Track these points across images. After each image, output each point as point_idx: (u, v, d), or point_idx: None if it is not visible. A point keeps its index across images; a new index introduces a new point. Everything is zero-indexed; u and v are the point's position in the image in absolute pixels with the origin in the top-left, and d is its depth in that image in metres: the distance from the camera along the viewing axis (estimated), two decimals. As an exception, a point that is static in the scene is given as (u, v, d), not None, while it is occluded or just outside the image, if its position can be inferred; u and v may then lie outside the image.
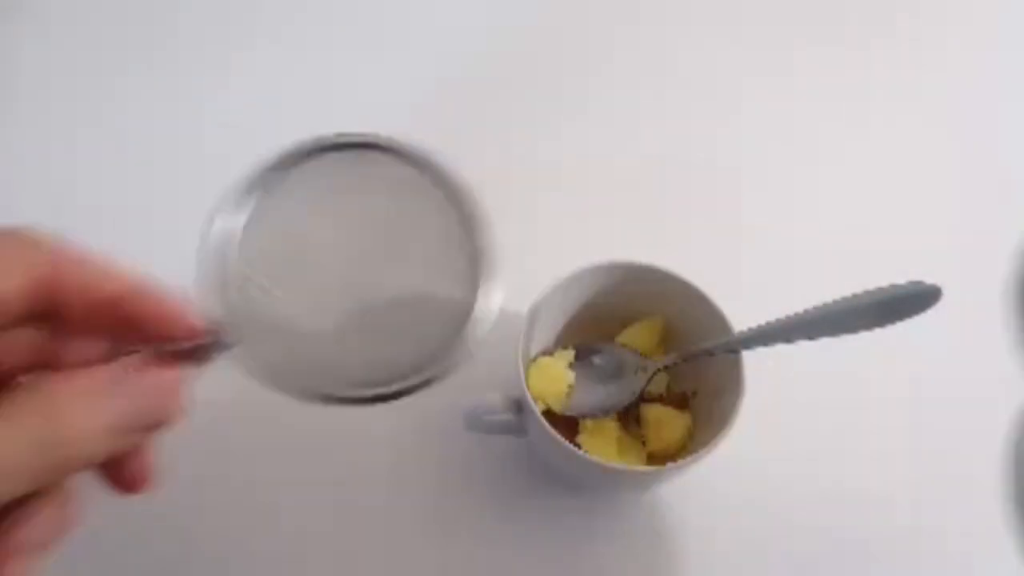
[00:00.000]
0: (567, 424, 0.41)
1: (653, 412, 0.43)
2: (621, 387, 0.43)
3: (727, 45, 0.61)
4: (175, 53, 0.55)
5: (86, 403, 0.24)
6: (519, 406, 0.41)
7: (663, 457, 0.42)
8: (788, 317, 0.38)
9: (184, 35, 0.56)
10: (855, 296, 0.37)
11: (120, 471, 0.26)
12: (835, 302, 0.37)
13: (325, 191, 0.32)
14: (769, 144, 0.58)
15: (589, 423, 0.42)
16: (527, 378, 0.40)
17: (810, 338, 0.37)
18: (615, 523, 0.45)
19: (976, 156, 0.58)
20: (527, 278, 0.42)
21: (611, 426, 0.42)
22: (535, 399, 0.40)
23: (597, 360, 0.43)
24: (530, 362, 0.42)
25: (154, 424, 0.25)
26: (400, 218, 0.33)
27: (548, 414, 0.40)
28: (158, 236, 0.50)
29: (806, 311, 0.37)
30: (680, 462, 0.38)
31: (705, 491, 0.44)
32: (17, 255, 0.25)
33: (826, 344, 0.37)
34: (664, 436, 0.42)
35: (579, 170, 0.55)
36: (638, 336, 0.44)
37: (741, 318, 0.40)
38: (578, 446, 0.40)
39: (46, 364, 0.27)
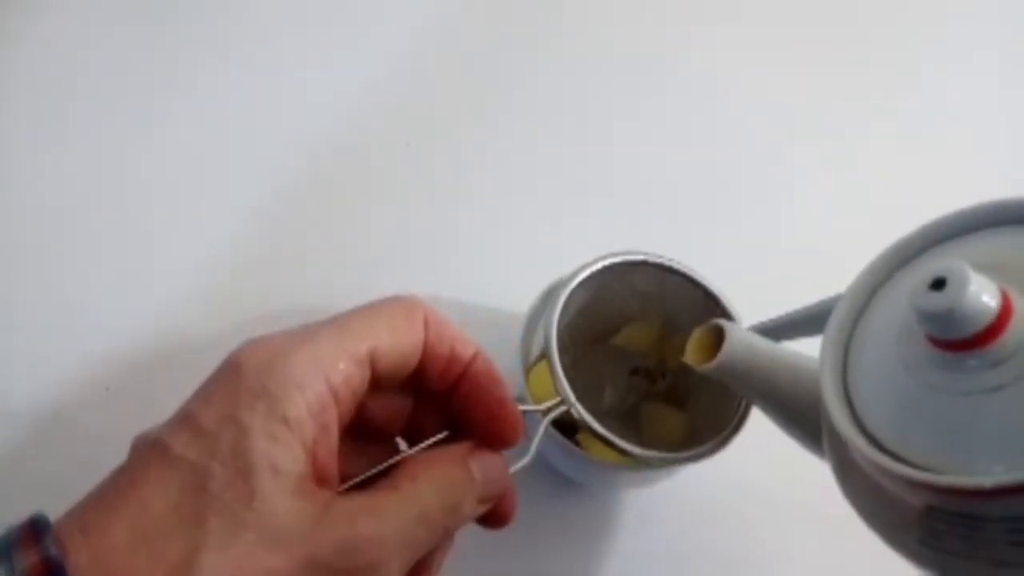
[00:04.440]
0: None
1: (652, 410, 0.43)
2: (622, 388, 0.43)
3: (729, 44, 0.61)
4: (175, 51, 0.55)
5: (468, 481, 0.28)
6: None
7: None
8: (788, 314, 0.38)
9: (184, 32, 0.56)
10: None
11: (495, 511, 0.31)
12: (835, 297, 0.37)
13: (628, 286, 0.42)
14: (769, 142, 0.58)
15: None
16: (528, 381, 0.40)
17: (811, 335, 0.37)
18: (615, 521, 0.45)
19: (981, 155, 0.58)
20: (527, 278, 0.43)
21: (609, 423, 0.42)
22: (535, 402, 0.40)
23: (598, 362, 0.43)
24: (531, 365, 0.42)
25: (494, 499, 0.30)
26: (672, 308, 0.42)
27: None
28: (156, 234, 0.50)
29: (806, 307, 0.37)
30: (680, 455, 0.38)
31: (705, 489, 0.44)
32: (415, 313, 0.29)
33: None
34: (663, 434, 0.42)
35: (579, 170, 0.56)
36: (637, 335, 0.44)
37: (741, 316, 0.40)
38: (578, 444, 0.40)
39: (411, 427, 0.32)
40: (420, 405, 0.32)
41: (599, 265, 0.40)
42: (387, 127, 0.55)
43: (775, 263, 0.52)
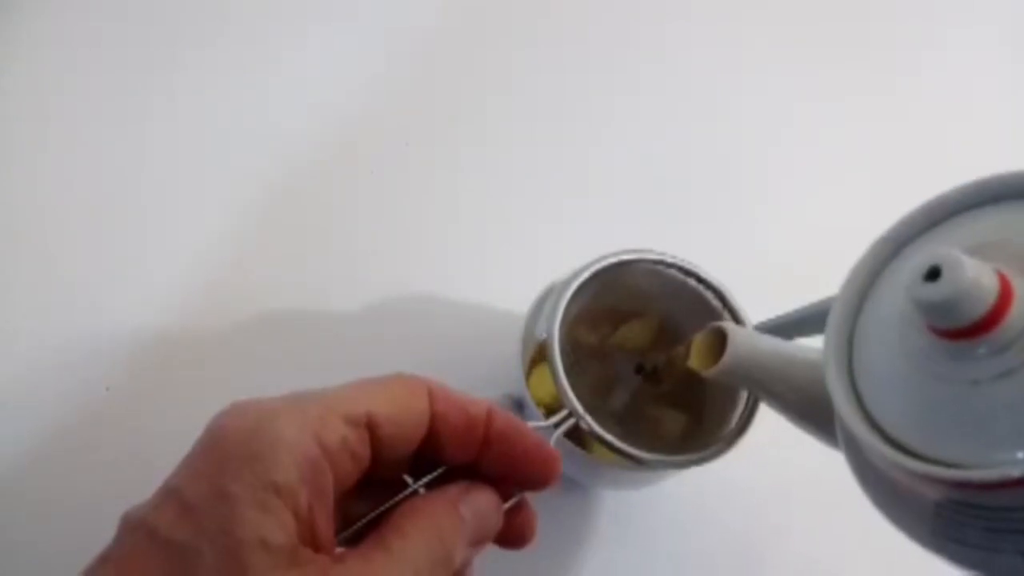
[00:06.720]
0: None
1: (654, 411, 0.43)
2: (620, 387, 0.43)
3: (729, 43, 0.62)
4: (174, 49, 0.55)
5: (459, 527, 0.27)
6: (520, 404, 0.40)
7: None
8: (789, 313, 0.38)
9: (184, 31, 0.56)
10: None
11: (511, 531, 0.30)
12: (836, 296, 0.37)
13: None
14: (768, 140, 0.58)
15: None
16: (528, 382, 0.40)
17: (812, 334, 0.37)
18: (615, 520, 0.45)
19: (983, 152, 0.58)
20: (527, 277, 0.42)
21: (610, 425, 0.42)
22: (536, 402, 0.40)
23: (596, 362, 0.43)
24: (531, 366, 0.42)
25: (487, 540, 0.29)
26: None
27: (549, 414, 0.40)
28: (156, 232, 0.50)
29: (807, 307, 0.37)
30: (686, 458, 0.38)
31: (705, 488, 0.44)
32: (416, 384, 0.28)
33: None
34: (665, 434, 0.42)
35: (579, 170, 0.56)
36: (635, 333, 0.44)
37: (741, 308, 0.40)
38: (576, 442, 0.40)
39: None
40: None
41: (595, 268, 0.40)
42: (387, 127, 0.55)
43: (775, 262, 0.52)
